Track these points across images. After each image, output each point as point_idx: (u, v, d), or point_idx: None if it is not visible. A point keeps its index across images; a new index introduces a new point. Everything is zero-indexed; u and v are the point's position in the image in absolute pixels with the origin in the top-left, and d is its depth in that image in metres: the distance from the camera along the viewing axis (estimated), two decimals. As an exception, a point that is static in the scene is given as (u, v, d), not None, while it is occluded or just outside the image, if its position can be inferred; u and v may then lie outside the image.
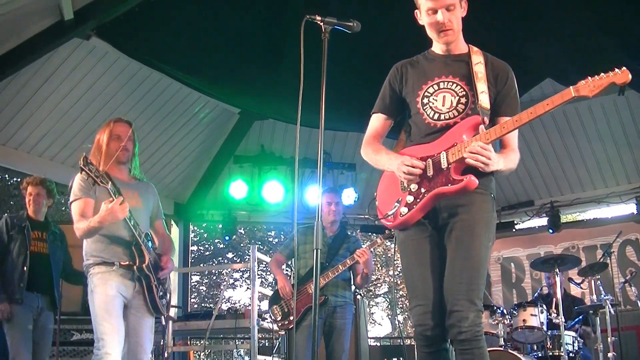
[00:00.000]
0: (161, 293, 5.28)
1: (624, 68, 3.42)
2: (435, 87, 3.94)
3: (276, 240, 29.63)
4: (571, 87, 3.49)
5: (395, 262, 31.84)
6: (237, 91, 9.84)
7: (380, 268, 32.32)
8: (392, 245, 29.92)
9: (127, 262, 5.04)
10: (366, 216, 12.83)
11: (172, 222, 10.71)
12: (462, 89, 3.87)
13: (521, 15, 7.85)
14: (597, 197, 11.77)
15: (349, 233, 7.77)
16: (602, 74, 3.44)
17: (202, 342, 9.68)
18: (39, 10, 7.86)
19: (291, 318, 6.96)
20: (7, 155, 9.59)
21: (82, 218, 4.99)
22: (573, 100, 3.53)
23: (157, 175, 11.56)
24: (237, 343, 9.77)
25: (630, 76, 3.44)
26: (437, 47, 4.08)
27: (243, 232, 28.82)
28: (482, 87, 3.80)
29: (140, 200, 5.36)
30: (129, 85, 9.89)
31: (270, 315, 7.23)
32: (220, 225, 13.34)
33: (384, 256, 32.13)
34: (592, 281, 8.45)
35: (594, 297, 8.31)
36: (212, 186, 12.52)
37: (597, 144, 11.16)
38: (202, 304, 29.44)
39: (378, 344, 19.57)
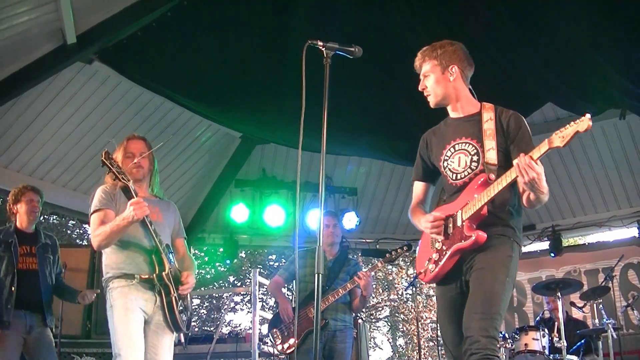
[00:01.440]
0: (181, 308, 5.13)
1: (586, 115, 3.71)
2: (452, 150, 4.33)
3: (277, 264, 29.57)
4: (546, 139, 3.73)
5: (396, 287, 31.84)
6: (239, 115, 9.86)
7: (381, 292, 32.25)
8: (393, 269, 29.93)
9: (148, 276, 4.93)
10: (367, 240, 12.84)
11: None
12: (473, 148, 4.21)
13: (520, 42, 7.88)
14: (598, 220, 11.75)
15: (350, 257, 7.77)
16: (568, 125, 3.72)
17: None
18: (41, 34, 7.90)
19: (292, 341, 6.92)
20: (8, 177, 9.57)
21: (101, 226, 4.91)
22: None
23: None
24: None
25: (590, 123, 3.70)
26: (450, 113, 4.50)
27: (244, 256, 28.75)
28: (490, 144, 4.14)
29: (161, 215, 5.31)
30: (130, 109, 9.91)
31: (270, 339, 7.18)
32: (222, 249, 13.30)
33: (384, 281, 32.07)
34: (594, 305, 8.45)
35: (596, 321, 8.30)
36: (214, 210, 12.52)
37: (598, 167, 11.17)
38: (203, 327, 29.33)
39: (379, 369, 19.45)
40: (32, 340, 6.50)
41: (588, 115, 3.72)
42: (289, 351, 7.01)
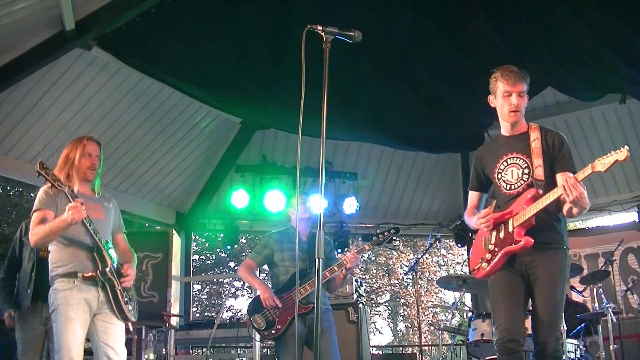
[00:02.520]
0: (126, 299, 5.32)
1: (625, 147, 4.42)
2: (505, 163, 4.99)
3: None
4: (590, 165, 4.46)
5: (396, 271, 31.90)
6: (239, 101, 9.85)
7: (381, 276, 32.31)
8: (394, 254, 29.91)
9: (90, 273, 5.11)
10: (367, 225, 12.86)
11: (174, 231, 10.72)
12: (524, 162, 4.91)
13: (521, 28, 7.87)
14: (598, 205, 11.75)
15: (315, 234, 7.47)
16: (609, 154, 4.44)
17: (204, 351, 9.68)
18: (40, 21, 7.88)
19: (279, 327, 6.57)
20: (8, 165, 9.59)
21: (40, 224, 5.07)
22: (574, 109, 4.35)
23: (158, 185, 11.57)
24: (239, 352, 9.77)
25: (628, 154, 4.42)
26: (504, 129, 5.10)
27: (244, 242, 28.82)
28: (537, 161, 4.83)
29: (102, 212, 5.46)
30: (130, 95, 9.90)
31: (252, 324, 6.73)
32: (222, 235, 13.31)
33: (385, 265, 32.13)
34: (594, 289, 8.46)
35: (596, 305, 8.31)
36: (214, 196, 12.53)
37: (598, 152, 11.10)
38: (204, 313, 29.40)
39: (380, 353, 19.52)
40: (50, 330, 6.62)
41: (627, 147, 4.41)
42: (274, 336, 6.63)
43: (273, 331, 6.65)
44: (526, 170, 4.87)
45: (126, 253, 5.63)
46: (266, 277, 13.57)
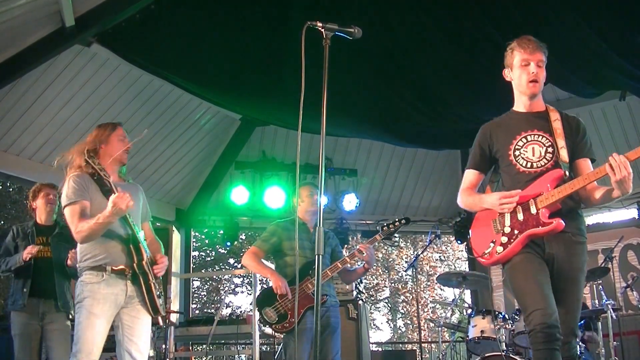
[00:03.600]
0: (158, 292, 5.08)
1: None
2: (524, 140, 4.60)
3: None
4: (625, 154, 4.23)
5: (396, 268, 31.92)
6: (239, 97, 9.85)
7: (381, 273, 32.33)
8: (393, 250, 29.91)
9: (120, 267, 4.91)
10: (367, 222, 12.87)
11: (174, 228, 10.72)
12: (547, 140, 4.55)
13: (521, 25, 7.86)
14: (598, 202, 11.74)
15: (325, 229, 7.34)
16: None
17: (203, 347, 9.68)
18: (40, 17, 7.87)
19: (292, 320, 6.35)
20: (8, 161, 9.61)
21: (83, 219, 4.83)
22: (574, 106, 4.11)
23: (158, 181, 11.58)
24: (238, 349, 9.77)
25: None
26: (520, 105, 4.73)
27: (244, 238, 28.82)
28: (561, 142, 4.50)
29: (134, 201, 5.09)
30: (130, 92, 9.90)
31: (262, 318, 6.54)
32: (222, 231, 13.32)
33: (385, 262, 32.15)
34: (594, 286, 8.47)
35: (596, 301, 8.31)
36: (214, 192, 12.54)
37: (598, 148, 11.06)
38: (203, 310, 29.42)
39: (380, 349, 19.52)
40: (47, 326, 6.84)
41: None
42: (288, 329, 6.41)
43: (286, 324, 6.44)
44: (550, 150, 4.51)
45: (153, 242, 5.37)
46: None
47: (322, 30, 4.01)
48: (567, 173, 4.43)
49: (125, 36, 8.42)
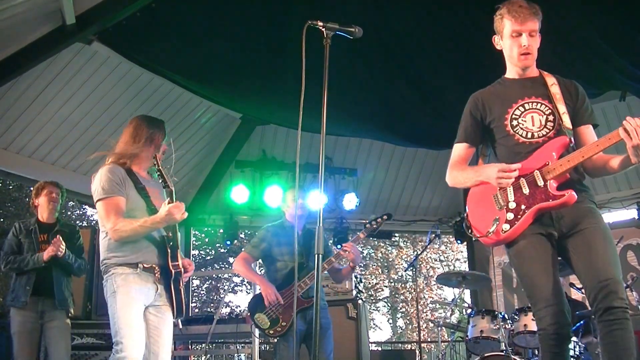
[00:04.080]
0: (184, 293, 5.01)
1: None
2: (522, 108, 4.26)
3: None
4: None
5: (396, 267, 31.92)
6: (239, 96, 9.85)
7: (380, 273, 32.32)
8: (393, 250, 29.85)
9: (150, 265, 4.73)
10: (366, 221, 12.86)
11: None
12: (547, 108, 4.22)
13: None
14: (598, 202, 11.52)
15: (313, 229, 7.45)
16: None
17: (203, 346, 9.68)
18: (40, 15, 7.87)
19: (284, 324, 6.55)
20: (8, 159, 9.61)
21: (119, 216, 4.65)
22: None
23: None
24: (238, 347, 9.77)
25: None
26: (512, 72, 4.40)
27: (244, 237, 28.83)
28: (562, 108, 4.17)
29: (161, 200, 4.98)
30: (130, 90, 9.90)
31: (255, 324, 6.75)
32: (222, 230, 13.33)
33: (384, 261, 32.15)
34: (594, 286, 8.44)
35: (596, 302, 8.29)
36: (214, 191, 12.53)
37: (598, 149, 11.16)
38: (202, 308, 29.44)
39: (379, 349, 19.54)
40: (46, 324, 6.88)
41: None
42: (280, 333, 6.59)
43: (278, 329, 6.58)
44: (551, 117, 4.18)
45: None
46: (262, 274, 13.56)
47: (323, 29, 4.02)
48: (572, 140, 4.13)
49: (125, 34, 8.42)
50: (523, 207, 4.08)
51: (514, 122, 4.25)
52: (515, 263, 4.23)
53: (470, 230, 4.35)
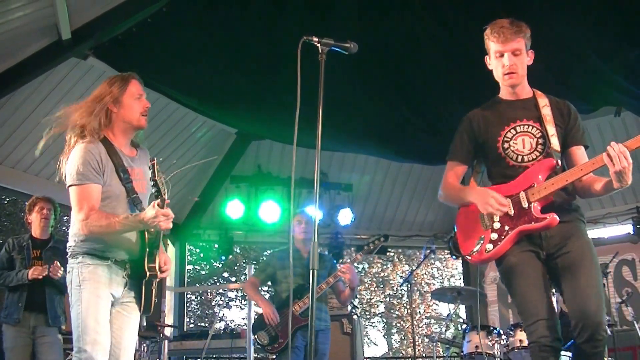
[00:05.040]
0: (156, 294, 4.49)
1: None
2: (513, 131, 4.31)
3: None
4: (625, 143, 3.91)
5: (391, 283, 31.86)
6: (234, 111, 9.86)
7: (376, 288, 32.26)
8: (388, 266, 29.86)
9: (122, 259, 4.22)
10: (362, 237, 12.85)
11: (169, 241, 10.69)
12: (538, 131, 4.26)
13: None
14: (593, 217, 11.77)
15: (321, 252, 7.83)
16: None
17: (197, 362, 9.64)
18: (36, 30, 7.89)
19: (281, 341, 6.99)
20: (3, 174, 9.59)
21: (93, 208, 4.10)
22: None
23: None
24: (232, 363, 9.74)
25: None
26: (505, 93, 4.45)
27: (238, 251, 28.78)
28: (551, 130, 4.22)
29: (145, 183, 4.45)
30: (126, 105, 9.89)
31: (256, 341, 7.18)
32: (217, 245, 13.31)
33: (379, 277, 32.09)
34: (589, 302, 8.44)
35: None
36: (209, 206, 12.51)
37: (593, 164, 11.17)
38: (196, 323, 29.33)
39: (374, 365, 19.47)
40: (38, 339, 6.87)
41: None
42: (278, 349, 7.04)
43: (276, 345, 7.02)
44: (541, 140, 4.22)
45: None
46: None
47: (318, 45, 4.03)
48: (559, 162, 4.18)
49: (121, 49, 8.44)
50: (507, 227, 4.16)
51: (506, 145, 4.29)
52: (505, 279, 4.30)
53: (456, 248, 4.49)
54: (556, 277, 4.15)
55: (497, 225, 4.19)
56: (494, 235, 4.19)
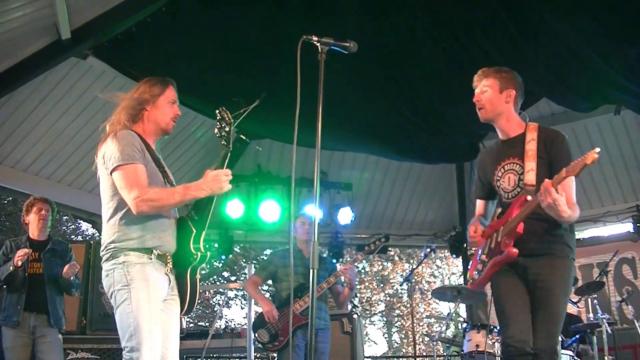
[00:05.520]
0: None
1: (595, 150, 4.07)
2: (502, 170, 4.71)
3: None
4: (564, 169, 4.12)
5: (391, 282, 31.85)
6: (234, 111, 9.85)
7: (376, 287, 32.25)
8: (388, 264, 29.87)
9: (164, 252, 4.16)
10: (362, 236, 12.85)
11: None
12: (520, 167, 4.59)
13: (516, 39, 7.88)
14: (593, 216, 11.77)
15: (322, 254, 7.90)
16: (580, 158, 4.12)
17: (198, 361, 9.64)
18: (36, 30, 7.89)
19: (281, 339, 7.08)
20: (3, 174, 9.60)
21: (146, 186, 4.08)
22: (569, 120, 4.08)
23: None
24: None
25: (597, 157, 4.07)
26: (499, 134, 4.86)
27: (238, 251, 28.77)
28: (530, 165, 4.50)
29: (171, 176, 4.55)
30: (125, 104, 9.89)
31: (257, 339, 7.29)
32: (217, 245, 13.30)
33: (379, 276, 32.08)
34: (589, 300, 8.46)
35: (591, 315, 8.31)
36: (209, 205, 12.47)
37: (593, 163, 11.16)
38: (196, 322, 29.32)
39: (375, 364, 19.47)
40: (38, 339, 6.83)
41: (597, 149, 4.07)
42: (277, 347, 7.13)
43: (276, 343, 7.13)
44: (522, 177, 4.53)
45: None
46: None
47: (318, 44, 4.03)
48: (530, 197, 4.38)
49: (121, 49, 8.44)
50: (486, 260, 4.65)
51: (498, 184, 4.73)
52: (493, 294, 4.74)
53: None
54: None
55: (483, 257, 4.71)
56: (480, 266, 4.70)
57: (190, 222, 4.30)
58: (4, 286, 6.82)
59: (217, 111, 4.33)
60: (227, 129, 4.33)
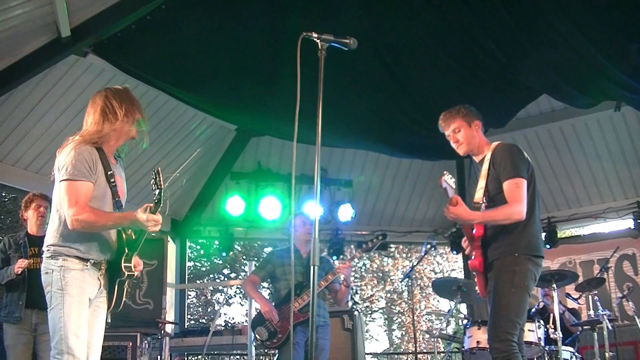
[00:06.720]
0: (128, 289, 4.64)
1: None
2: (478, 186, 5.30)
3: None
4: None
5: (391, 278, 31.87)
6: (234, 108, 9.85)
7: (376, 284, 32.27)
8: (389, 261, 29.91)
9: (99, 260, 4.34)
10: (363, 232, 12.85)
11: (169, 238, 10.68)
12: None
13: (516, 36, 7.88)
14: (594, 212, 11.77)
15: (320, 253, 7.91)
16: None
17: (199, 358, 9.65)
18: (36, 28, 7.89)
19: (280, 336, 7.11)
20: (3, 171, 9.60)
21: (84, 205, 4.20)
22: (569, 116, 4.27)
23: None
24: (233, 359, 9.75)
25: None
26: (474, 157, 5.48)
27: (239, 248, 28.77)
28: (481, 183, 5.24)
29: (123, 190, 4.66)
30: (125, 102, 9.88)
31: (255, 337, 7.30)
32: (217, 242, 13.31)
33: (380, 272, 32.10)
34: (590, 296, 8.46)
35: (592, 312, 8.31)
36: (209, 203, 12.50)
37: (593, 159, 11.18)
38: (197, 320, 29.33)
39: (375, 360, 19.48)
40: (40, 337, 6.83)
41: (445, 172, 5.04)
42: (276, 345, 7.17)
43: (275, 340, 7.16)
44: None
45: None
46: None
47: (318, 41, 4.03)
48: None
49: (120, 47, 8.43)
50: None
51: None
52: None
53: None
54: None
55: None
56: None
57: (125, 243, 4.50)
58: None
59: (153, 171, 4.40)
60: (156, 191, 4.36)
